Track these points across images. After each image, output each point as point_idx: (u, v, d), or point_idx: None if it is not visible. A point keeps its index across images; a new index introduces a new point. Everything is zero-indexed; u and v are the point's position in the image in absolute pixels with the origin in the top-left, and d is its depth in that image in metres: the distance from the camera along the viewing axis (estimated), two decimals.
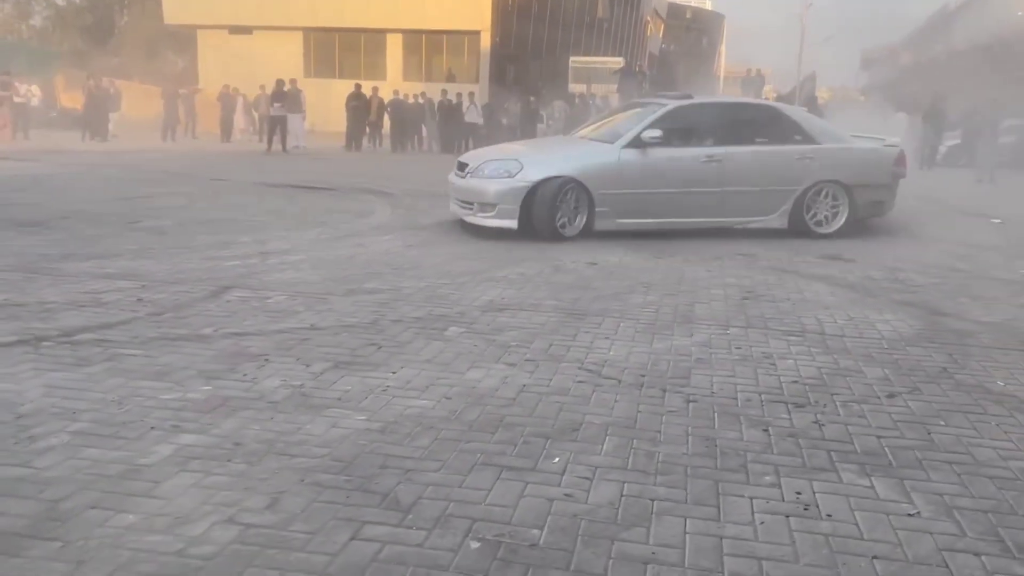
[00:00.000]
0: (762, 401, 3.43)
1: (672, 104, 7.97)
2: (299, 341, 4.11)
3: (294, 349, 3.98)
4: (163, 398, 3.27)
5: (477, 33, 31.51)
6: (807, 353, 4.14)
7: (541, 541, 2.28)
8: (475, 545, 2.25)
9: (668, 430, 3.10)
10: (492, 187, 7.47)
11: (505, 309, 4.88)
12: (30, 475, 2.57)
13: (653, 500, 2.54)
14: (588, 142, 8.22)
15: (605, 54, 35.08)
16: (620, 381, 3.65)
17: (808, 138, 7.97)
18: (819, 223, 7.92)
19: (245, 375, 3.58)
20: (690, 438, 3.03)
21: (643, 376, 3.72)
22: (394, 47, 33.07)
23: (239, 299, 4.92)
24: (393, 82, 31.14)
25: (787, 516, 2.46)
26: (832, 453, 2.92)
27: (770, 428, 3.14)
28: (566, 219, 7.46)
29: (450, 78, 31.92)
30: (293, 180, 12.14)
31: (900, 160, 8.11)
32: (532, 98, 23.48)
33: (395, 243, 7.20)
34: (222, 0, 32.71)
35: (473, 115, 22.45)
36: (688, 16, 65.33)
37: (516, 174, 7.44)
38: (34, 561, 2.10)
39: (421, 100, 23.42)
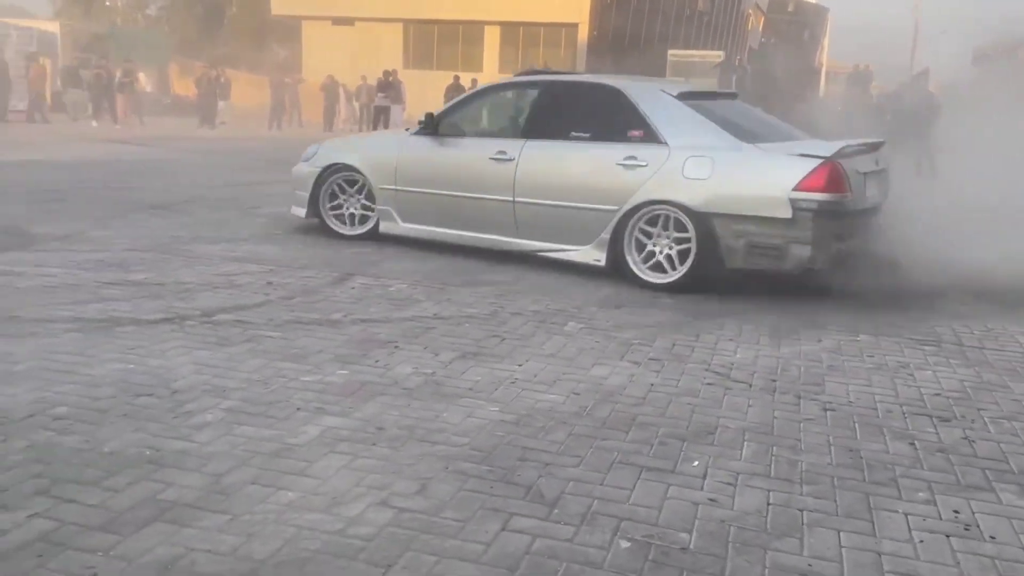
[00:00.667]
0: (904, 413, 3.30)
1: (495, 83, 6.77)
2: (424, 330, 4.19)
3: (420, 337, 4.06)
4: (304, 380, 3.39)
5: (575, 25, 31.40)
6: (946, 364, 3.96)
7: (691, 545, 2.26)
8: (625, 545, 2.24)
9: (808, 439, 3.02)
10: (296, 171, 6.79)
11: (623, 306, 4.85)
12: (192, 449, 2.70)
13: (802, 510, 2.48)
14: (401, 130, 6.97)
15: (704, 48, 34.42)
16: (751, 385, 3.58)
17: (651, 134, 5.36)
18: (655, 266, 5.27)
19: (377, 361, 3.68)
20: (832, 448, 2.94)
21: (774, 381, 3.64)
22: (491, 39, 33.30)
23: (362, 286, 5.05)
24: (489, 74, 31.33)
25: (947, 536, 2.36)
26: (987, 472, 2.79)
27: (916, 442, 3.02)
28: (349, 214, 6.49)
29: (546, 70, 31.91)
30: None
31: (812, 182, 4.79)
32: None
33: None
34: None
35: None
36: (790, 9, 63.31)
37: (311, 158, 6.66)
38: (207, 532, 2.20)
39: None
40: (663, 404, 3.31)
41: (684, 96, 5.57)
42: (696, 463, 2.77)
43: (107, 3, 43.21)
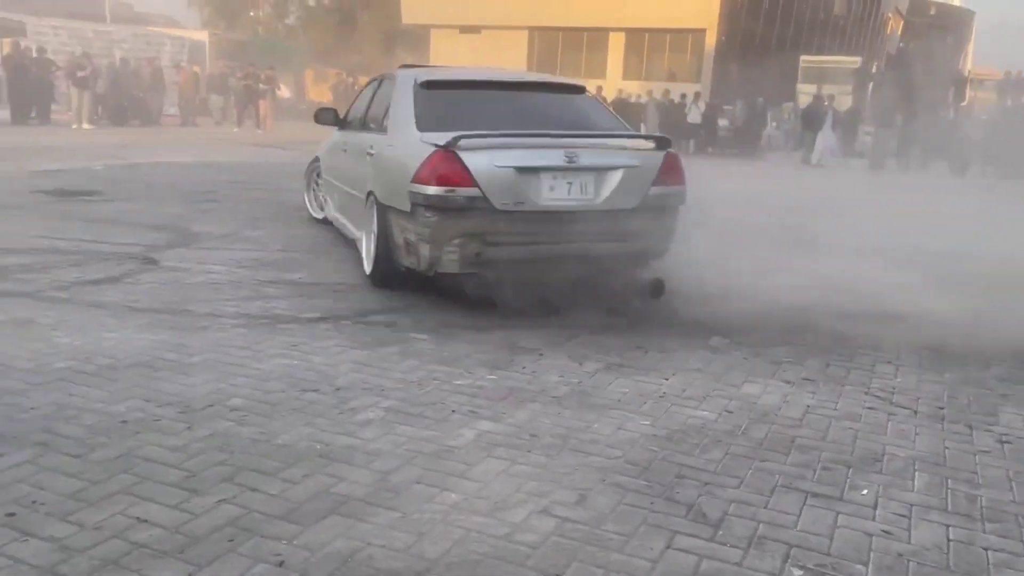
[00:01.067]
0: None
1: None
2: (567, 338, 4.20)
3: (564, 346, 4.07)
4: (456, 383, 3.46)
5: (702, 31, 30.85)
6: None
7: None
8: (798, 573, 2.17)
9: (985, 472, 2.84)
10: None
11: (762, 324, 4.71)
12: (359, 445, 2.80)
13: (986, 549, 2.33)
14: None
15: (838, 53, 33.08)
16: (916, 412, 3.40)
17: (383, 124, 5.37)
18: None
19: (524, 368, 3.71)
20: (1013, 484, 2.76)
21: (941, 408, 3.44)
22: (616, 45, 33.18)
23: None
24: (613, 80, 31.24)
25: None
26: None
27: None
28: (319, 200, 7.27)
29: (671, 77, 31.50)
30: None
31: (423, 174, 4.33)
32: (760, 99, 22.54)
33: None
34: (454, 1, 34.30)
35: (695, 115, 21.96)
36: (932, 12, 60.06)
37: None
38: (380, 528, 2.28)
39: (644, 100, 23.24)
40: (822, 427, 3.19)
41: (427, 84, 5.16)
42: (865, 491, 2.65)
43: (251, 14, 45.73)
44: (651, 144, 4.99)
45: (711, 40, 30.75)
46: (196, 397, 3.13)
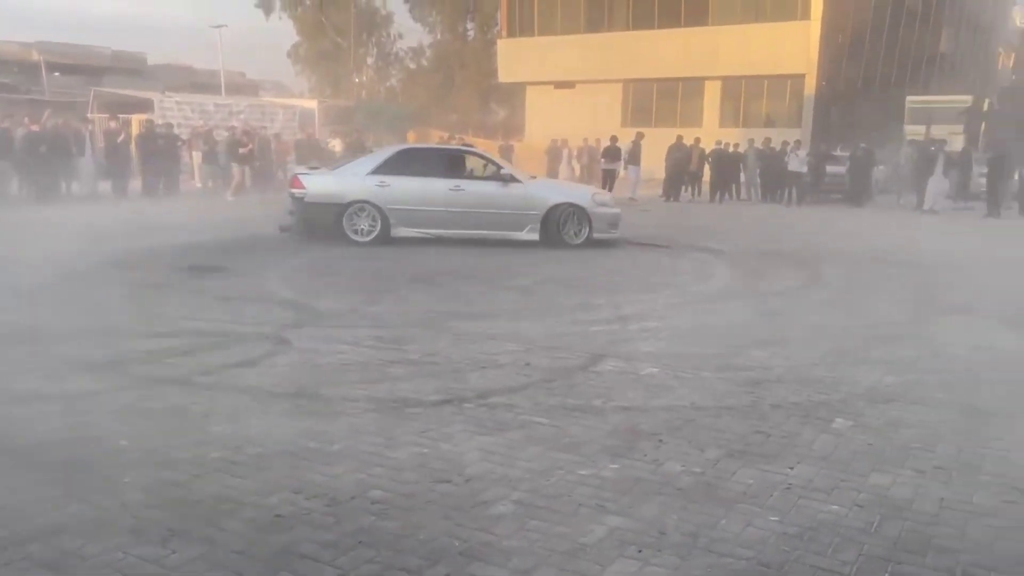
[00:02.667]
0: None
1: None
2: (684, 422, 4.24)
3: (683, 430, 4.11)
4: (580, 473, 3.56)
5: (801, 76, 30.45)
6: None
7: None
8: None
9: None
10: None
11: (892, 400, 4.62)
12: (494, 542, 2.93)
13: None
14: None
15: (947, 91, 31.97)
16: None
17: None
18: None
19: (645, 455, 3.78)
20: None
21: None
22: (712, 93, 33.12)
23: (615, 370, 5.20)
24: (709, 128, 31.09)
25: None
26: None
27: None
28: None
29: (769, 123, 31.15)
30: (626, 235, 12.56)
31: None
32: (863, 144, 21.97)
33: (746, 311, 7.16)
34: (550, 58, 35.12)
35: (795, 163, 21.58)
36: None
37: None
38: None
39: (742, 149, 23.03)
40: (959, 525, 3.12)
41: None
42: None
43: (356, 80, 48.04)
44: None
45: (811, 85, 30.29)
46: (340, 489, 3.34)
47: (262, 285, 7.89)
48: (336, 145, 23.24)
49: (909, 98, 28.31)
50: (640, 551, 2.88)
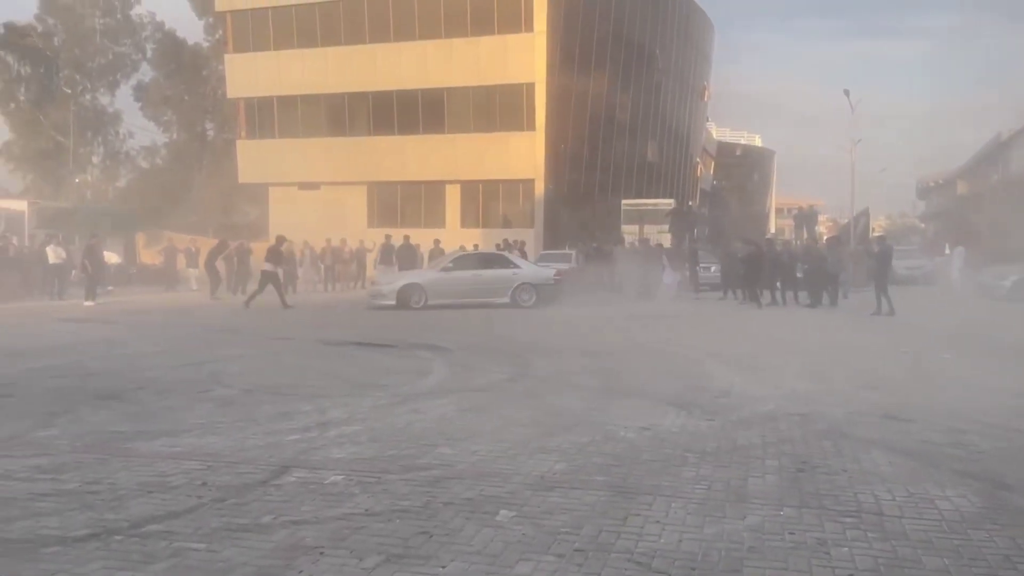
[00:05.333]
0: None
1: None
2: (354, 530, 4.21)
3: (348, 539, 4.07)
4: None
5: (531, 181, 32.89)
6: (864, 539, 4.05)
7: None
8: None
9: None
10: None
11: (555, 487, 4.92)
12: None
13: None
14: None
15: (657, 194, 36.09)
16: (670, 575, 3.63)
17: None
18: None
19: (300, 572, 3.68)
20: None
21: (693, 570, 3.69)
22: (452, 196, 34.68)
23: (298, 481, 5.07)
24: (452, 228, 32.45)
25: None
26: None
27: None
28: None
29: (506, 223, 33.12)
30: (352, 337, 12.57)
31: None
32: (594, 244, 24.18)
33: (450, 408, 7.35)
34: (292, 159, 35.04)
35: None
36: (738, 153, 67.04)
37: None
38: None
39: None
40: None
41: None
42: None
43: (76, 180, 44.50)
44: None
45: (540, 188, 32.78)
46: None
47: None
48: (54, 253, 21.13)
49: (624, 201, 31.56)
50: None
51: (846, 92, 36.80)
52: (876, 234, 33.80)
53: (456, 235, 29.42)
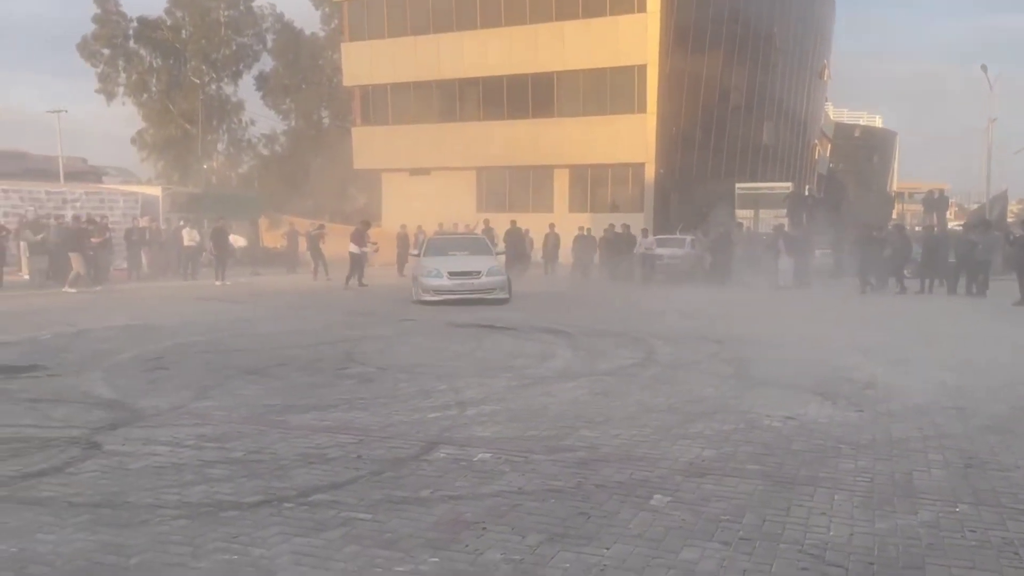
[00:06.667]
0: None
1: None
2: (510, 507, 4.25)
3: (507, 516, 4.12)
4: (397, 570, 3.47)
5: (641, 165, 32.37)
6: None
7: None
8: None
9: None
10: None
11: (707, 474, 4.83)
12: None
13: None
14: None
15: (771, 177, 34.91)
16: (847, 569, 3.49)
17: None
18: None
19: (467, 546, 3.74)
20: None
21: (871, 564, 3.54)
22: (560, 181, 34.52)
23: (448, 457, 5.17)
24: (559, 212, 32.37)
25: None
26: None
27: None
28: None
29: (614, 208, 32.77)
30: (478, 319, 12.72)
31: None
32: (721, 228, 23.50)
33: (581, 391, 7.33)
34: (404, 145, 35.68)
35: (646, 246, 22.90)
36: (857, 135, 64.13)
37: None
38: None
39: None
40: None
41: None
42: None
43: (204, 166, 46.81)
44: None
45: (650, 173, 32.23)
46: None
47: (80, 385, 7.37)
48: (189, 235, 22.41)
49: (738, 185, 30.64)
50: None
51: (983, 67, 34.32)
52: (1012, 220, 31.66)
53: (565, 219, 29.32)
